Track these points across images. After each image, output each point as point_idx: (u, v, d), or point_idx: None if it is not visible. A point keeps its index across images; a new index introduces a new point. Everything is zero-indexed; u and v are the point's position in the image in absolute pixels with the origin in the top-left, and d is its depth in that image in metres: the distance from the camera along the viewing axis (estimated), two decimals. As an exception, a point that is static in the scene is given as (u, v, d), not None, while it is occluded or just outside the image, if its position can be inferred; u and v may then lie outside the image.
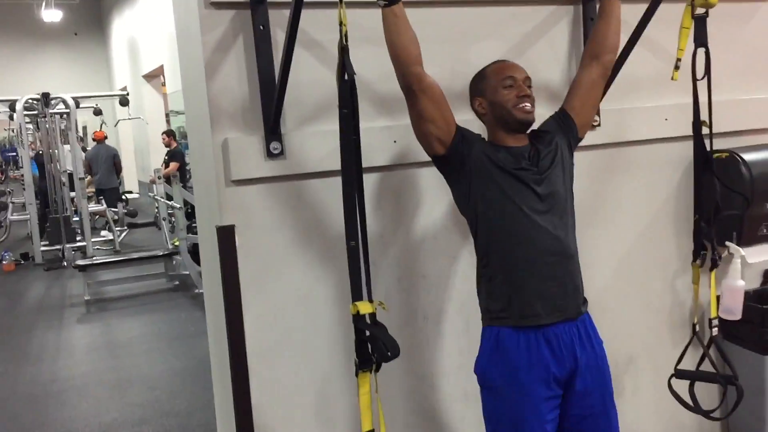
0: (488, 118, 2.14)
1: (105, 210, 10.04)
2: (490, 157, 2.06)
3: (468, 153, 2.06)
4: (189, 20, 2.32)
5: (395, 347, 1.84)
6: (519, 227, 2.02)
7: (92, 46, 17.11)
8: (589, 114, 2.28)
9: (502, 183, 2.03)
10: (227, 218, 2.27)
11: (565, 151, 2.18)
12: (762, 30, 3.00)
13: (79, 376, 4.89)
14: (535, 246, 2.01)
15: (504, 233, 2.04)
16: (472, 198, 2.08)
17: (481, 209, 2.07)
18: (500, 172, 2.04)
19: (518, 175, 2.04)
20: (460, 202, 2.16)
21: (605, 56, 2.24)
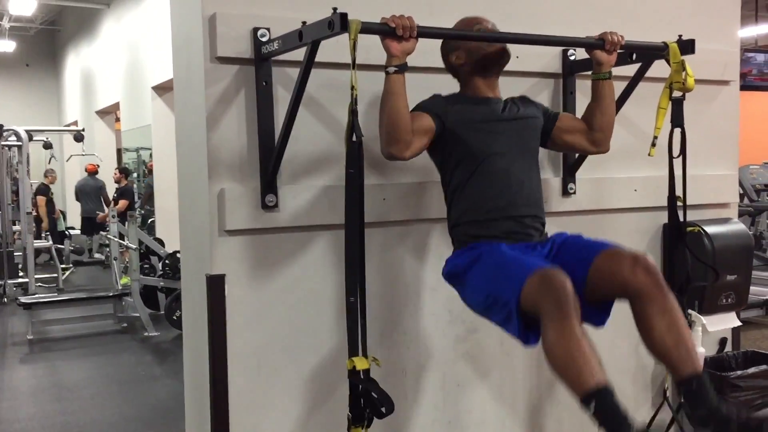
0: (466, 67, 2.27)
1: (50, 246, 9.78)
2: (463, 115, 2.20)
3: (445, 125, 2.19)
4: (192, 72, 2.36)
5: (390, 403, 1.88)
6: (487, 170, 2.18)
7: (43, 78, 16.84)
8: (564, 143, 2.42)
9: (473, 131, 2.19)
10: (218, 267, 2.29)
11: (538, 121, 2.34)
12: (723, 111, 3.21)
13: (24, 419, 4.70)
14: (500, 186, 2.18)
15: (471, 177, 2.19)
16: (447, 150, 2.22)
17: (453, 157, 2.21)
18: (472, 123, 2.20)
19: (488, 122, 2.21)
20: (435, 156, 2.28)
21: (595, 133, 2.37)
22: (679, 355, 1.90)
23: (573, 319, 1.79)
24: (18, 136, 9.04)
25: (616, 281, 1.97)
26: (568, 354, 1.77)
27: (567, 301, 1.81)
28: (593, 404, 1.71)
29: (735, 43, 3.28)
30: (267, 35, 2.25)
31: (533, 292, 1.87)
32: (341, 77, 2.30)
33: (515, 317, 1.91)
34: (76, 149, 12.12)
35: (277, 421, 2.39)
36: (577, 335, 1.78)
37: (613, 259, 2.00)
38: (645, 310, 1.94)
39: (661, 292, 1.93)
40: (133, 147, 11.64)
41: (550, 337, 1.80)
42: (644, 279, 1.94)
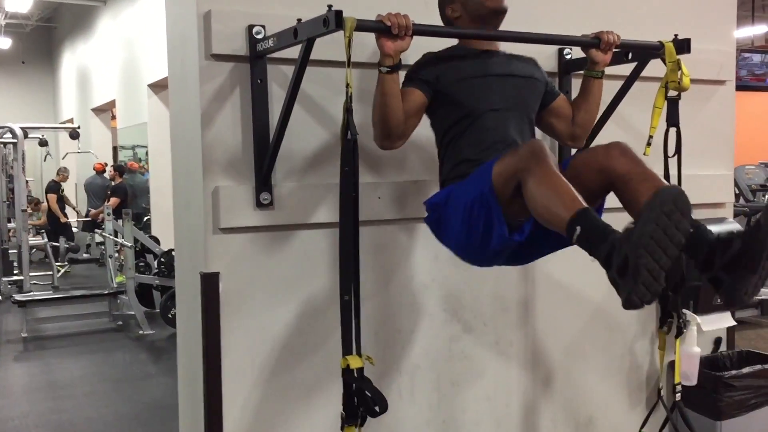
0: (462, 20, 2.24)
1: (45, 244, 9.76)
2: (455, 73, 2.17)
3: (436, 88, 2.17)
4: (187, 69, 2.35)
5: (384, 402, 1.87)
6: (480, 123, 2.15)
7: (39, 75, 16.79)
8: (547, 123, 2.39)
9: (469, 86, 2.16)
10: (212, 265, 2.29)
11: (540, 90, 2.31)
12: (719, 111, 3.21)
13: (18, 417, 4.69)
14: (494, 137, 2.15)
15: (468, 129, 2.16)
16: (442, 109, 2.19)
17: (450, 114, 2.19)
18: (464, 83, 2.17)
19: (485, 75, 2.18)
20: (433, 116, 2.25)
21: (573, 127, 2.37)
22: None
23: (550, 163, 1.79)
24: (13, 134, 9.01)
25: (594, 170, 1.93)
26: (548, 192, 1.75)
27: (543, 150, 1.81)
28: (578, 228, 1.66)
29: (731, 43, 3.28)
30: (262, 33, 2.24)
31: (503, 165, 1.88)
32: (336, 75, 2.30)
33: (493, 202, 1.89)
34: (71, 147, 12.11)
35: (270, 419, 2.39)
36: (555, 173, 1.76)
37: (586, 153, 2.00)
38: (627, 185, 1.88)
39: (638, 165, 1.89)
40: (129, 145, 11.63)
41: (529, 183, 1.79)
42: (620, 158, 1.90)
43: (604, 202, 2.03)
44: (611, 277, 1.60)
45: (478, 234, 1.97)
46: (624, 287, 1.56)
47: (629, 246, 1.54)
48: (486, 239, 1.96)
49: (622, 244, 1.57)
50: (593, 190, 1.93)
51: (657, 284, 1.54)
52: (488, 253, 2.03)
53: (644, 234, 1.52)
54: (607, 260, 1.60)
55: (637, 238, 1.53)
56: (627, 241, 1.55)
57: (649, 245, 1.52)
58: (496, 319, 2.77)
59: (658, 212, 1.53)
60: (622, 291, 1.58)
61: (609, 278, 1.61)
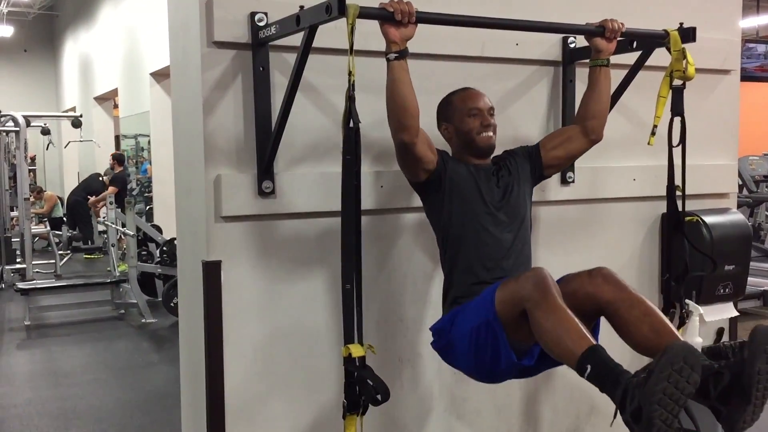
0: (454, 142, 2.31)
1: (47, 232, 9.77)
2: (460, 175, 2.22)
3: (445, 172, 2.21)
4: (188, 57, 2.34)
5: (385, 391, 1.88)
6: (480, 240, 2.19)
7: (42, 63, 16.75)
8: (559, 159, 2.42)
9: (468, 199, 2.21)
10: (214, 253, 2.28)
11: (527, 176, 2.35)
12: (723, 101, 3.19)
13: (21, 404, 4.71)
14: (495, 254, 2.19)
15: (468, 245, 2.20)
16: (444, 212, 2.22)
17: (450, 223, 2.22)
18: (467, 190, 2.21)
19: (482, 192, 2.22)
20: (431, 215, 2.29)
21: (588, 121, 2.36)
22: (661, 341, 1.88)
23: (555, 296, 1.82)
24: (15, 122, 9.00)
25: (582, 297, 1.98)
26: (557, 328, 1.80)
27: (546, 281, 1.85)
28: (589, 367, 1.73)
29: (736, 33, 3.26)
30: (264, 20, 2.23)
31: (507, 294, 1.93)
32: (339, 63, 2.28)
33: (499, 329, 1.93)
34: (74, 135, 12.09)
35: (272, 408, 2.39)
36: (562, 308, 1.81)
37: (572, 280, 2.03)
38: (616, 313, 1.96)
39: (625, 292, 1.96)
40: (132, 133, 11.59)
41: (536, 317, 1.83)
42: (605, 286, 1.98)
43: (599, 323, 2.08)
44: (625, 419, 1.67)
45: (486, 359, 2.01)
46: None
47: (642, 398, 1.62)
48: (495, 363, 2.00)
49: (635, 392, 1.64)
50: (584, 314, 1.96)
51: (670, 430, 1.62)
52: (498, 374, 2.09)
53: (657, 391, 1.60)
54: (622, 403, 1.67)
55: (650, 394, 1.60)
56: (640, 391, 1.63)
57: (662, 400, 1.60)
58: (498, 309, 2.76)
59: (669, 371, 1.60)
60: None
61: (623, 419, 1.68)
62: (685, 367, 1.61)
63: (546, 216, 2.81)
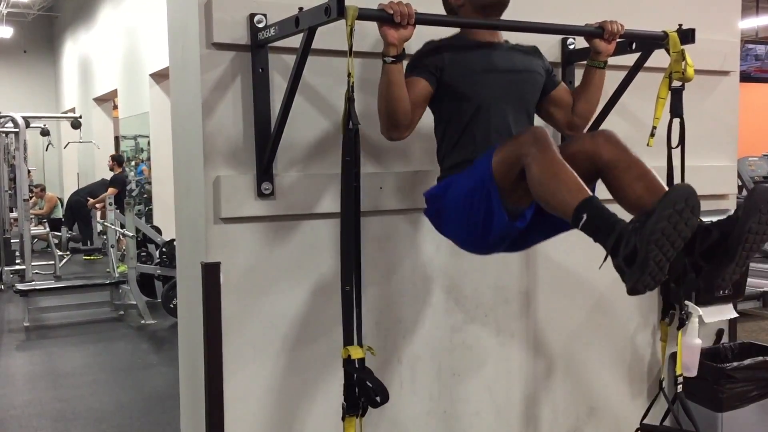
0: (465, 9, 2.22)
1: (47, 233, 9.76)
2: (459, 66, 2.16)
3: (440, 80, 2.16)
4: (187, 58, 2.34)
5: (385, 393, 1.87)
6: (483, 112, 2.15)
7: (41, 64, 16.74)
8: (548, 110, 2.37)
9: (473, 70, 2.16)
10: (213, 255, 2.28)
11: (540, 82, 2.30)
12: (723, 102, 3.19)
13: (20, 405, 4.71)
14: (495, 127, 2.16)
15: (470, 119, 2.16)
16: (448, 90, 2.17)
17: (452, 95, 2.17)
18: (468, 77, 2.16)
19: (490, 61, 2.18)
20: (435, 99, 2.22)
21: (573, 118, 2.36)
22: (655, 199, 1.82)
23: (554, 149, 1.82)
24: (15, 123, 9.00)
25: (582, 158, 1.96)
26: (554, 179, 1.79)
27: (545, 137, 1.84)
28: (584, 216, 1.72)
29: (735, 34, 3.26)
30: (264, 21, 2.22)
31: (505, 152, 1.91)
32: (338, 64, 2.29)
33: (493, 190, 1.91)
34: (73, 136, 12.09)
35: (271, 410, 2.39)
36: (560, 161, 1.80)
37: (573, 141, 2.04)
38: (612, 173, 1.95)
39: (624, 153, 1.95)
40: (131, 134, 11.59)
41: (534, 170, 1.82)
42: (606, 146, 1.97)
43: (595, 189, 2.04)
44: (617, 264, 1.67)
45: (478, 222, 1.99)
46: (631, 276, 1.64)
47: (639, 239, 1.61)
48: (486, 227, 1.98)
49: (631, 236, 1.63)
50: (583, 176, 1.93)
51: (662, 274, 1.63)
52: (489, 241, 2.05)
53: (656, 230, 1.59)
54: (614, 249, 1.67)
55: (649, 233, 1.59)
56: (637, 234, 1.62)
57: (660, 240, 1.59)
58: (498, 310, 2.76)
59: (671, 210, 1.60)
60: (629, 279, 1.65)
61: (614, 265, 1.68)
62: (686, 208, 1.61)
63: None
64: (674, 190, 1.63)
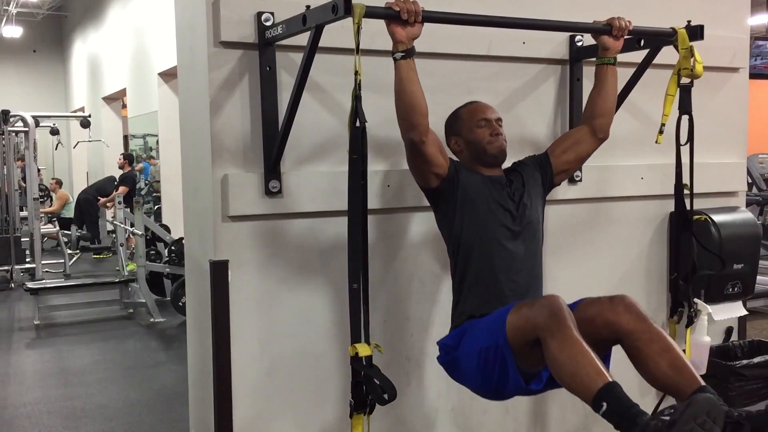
0: (465, 155, 2.28)
1: (57, 232, 9.81)
2: (473, 185, 2.20)
3: (458, 181, 2.20)
4: (195, 57, 2.35)
5: (392, 390, 1.88)
6: (493, 252, 2.17)
7: (50, 64, 16.82)
8: (569, 163, 2.41)
9: (481, 210, 2.19)
10: (221, 253, 2.29)
11: (538, 186, 2.33)
12: (732, 99, 3.18)
13: (30, 403, 4.73)
14: (507, 267, 2.17)
15: (479, 257, 2.18)
16: (455, 223, 2.20)
17: (461, 234, 2.20)
18: (481, 201, 2.19)
19: (496, 203, 2.20)
20: (443, 226, 2.27)
21: (595, 119, 2.36)
22: (679, 378, 1.86)
23: (571, 327, 1.79)
24: (25, 122, 9.04)
25: (600, 324, 1.94)
26: (573, 361, 1.76)
27: (561, 311, 1.82)
28: (605, 404, 1.71)
29: (745, 30, 3.25)
30: (271, 19, 2.23)
31: (520, 320, 1.90)
32: (345, 62, 2.28)
33: (508, 354, 1.92)
34: (82, 135, 12.14)
35: (279, 407, 2.40)
36: (579, 341, 1.77)
37: (592, 304, 1.99)
38: (634, 344, 1.92)
39: (645, 323, 1.92)
40: (140, 133, 11.64)
41: (552, 349, 1.80)
42: (626, 315, 1.93)
43: (611, 352, 2.05)
44: None
45: (493, 380, 2.00)
46: None
47: None
48: (502, 385, 1.99)
49: None
50: (601, 341, 1.94)
51: None
52: (505, 394, 2.07)
53: None
54: None
55: None
56: None
57: None
58: (506, 308, 2.76)
59: (692, 425, 1.59)
60: None
61: None
62: (708, 421, 1.60)
63: (554, 215, 2.80)
64: (696, 403, 1.61)
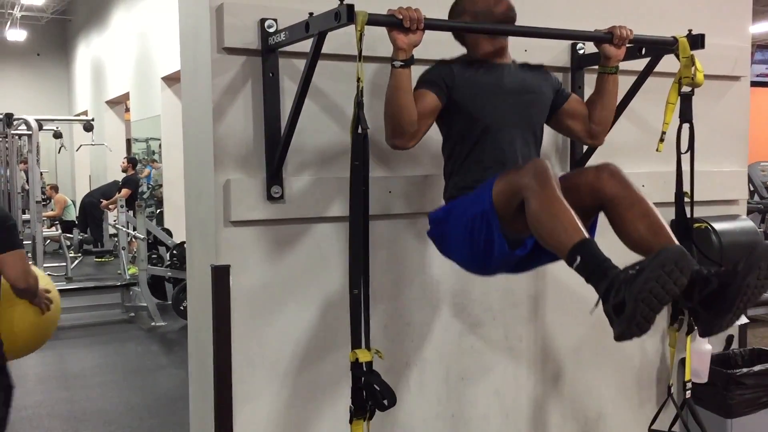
0: (472, 36, 2.26)
1: (59, 235, 9.83)
2: (469, 85, 2.19)
3: (450, 97, 2.18)
4: (198, 63, 2.36)
5: (392, 396, 1.88)
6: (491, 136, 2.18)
7: (54, 67, 16.88)
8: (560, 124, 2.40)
9: (481, 92, 2.18)
10: (223, 258, 2.30)
11: (548, 102, 2.32)
12: (733, 107, 3.18)
13: (31, 406, 4.74)
14: (502, 155, 2.18)
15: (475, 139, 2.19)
16: (454, 109, 2.20)
17: (460, 116, 2.20)
18: (478, 98, 2.18)
19: (498, 85, 2.20)
20: (442, 116, 2.23)
21: (591, 126, 2.37)
22: (656, 240, 1.89)
23: (554, 186, 1.83)
24: (28, 126, 9.06)
25: (585, 192, 1.99)
26: (552, 217, 1.80)
27: (546, 171, 1.85)
28: (578, 258, 1.74)
29: (746, 39, 3.26)
30: (274, 26, 2.24)
31: (505, 184, 1.94)
32: (348, 69, 2.30)
33: (494, 219, 1.94)
34: (85, 139, 12.16)
35: (280, 412, 2.40)
36: (560, 199, 1.81)
37: (578, 174, 2.05)
38: (615, 209, 1.97)
39: (627, 189, 1.96)
40: (143, 137, 11.67)
41: (533, 206, 1.84)
42: (609, 181, 1.97)
43: (597, 220, 2.08)
44: (606, 310, 1.70)
45: (480, 249, 2.02)
46: (618, 325, 1.68)
47: (628, 293, 1.64)
48: (488, 254, 2.01)
49: (621, 286, 1.66)
50: (585, 208, 1.97)
51: (649, 325, 1.66)
52: (490, 265, 2.10)
53: (644, 289, 1.62)
54: (605, 295, 1.70)
55: (637, 290, 1.62)
56: (627, 286, 1.64)
57: (647, 298, 1.62)
58: (506, 314, 2.77)
59: (659, 272, 1.63)
60: (616, 327, 1.69)
61: (604, 310, 1.71)
62: (675, 269, 1.63)
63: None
64: (665, 252, 1.65)
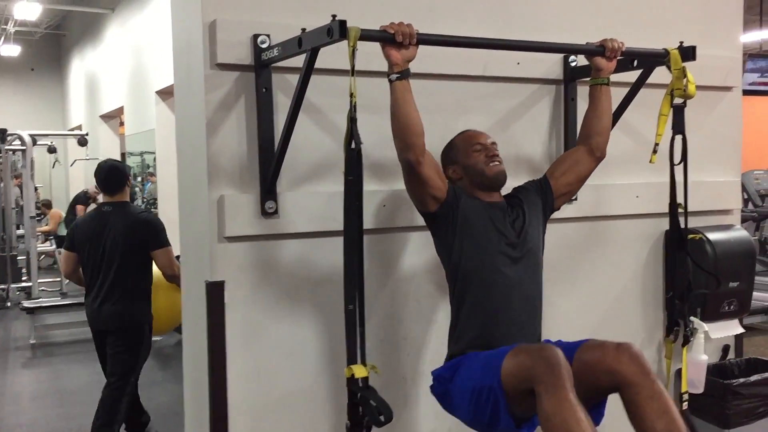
0: (464, 182, 2.27)
1: (54, 250, 9.80)
2: (474, 210, 2.19)
3: (457, 206, 2.19)
4: (192, 78, 2.36)
5: (389, 412, 1.87)
6: (492, 279, 2.16)
7: (48, 82, 16.86)
8: (569, 185, 2.41)
9: (481, 236, 2.18)
10: (217, 274, 2.29)
11: (539, 212, 2.33)
12: (725, 117, 3.20)
13: (26, 423, 4.71)
14: (506, 294, 2.16)
15: (479, 284, 2.17)
16: (455, 248, 2.19)
17: (461, 260, 2.18)
18: (481, 227, 2.18)
19: (496, 229, 2.19)
20: (442, 251, 2.26)
21: (592, 139, 2.37)
22: None
23: (567, 386, 1.77)
24: (22, 141, 9.07)
25: (602, 370, 1.92)
26: (565, 425, 1.74)
27: (559, 367, 1.79)
28: None
29: (737, 49, 3.27)
30: (267, 42, 2.24)
31: (516, 367, 1.88)
32: (341, 83, 2.30)
33: (501, 398, 1.90)
34: (80, 153, 12.15)
35: (275, 427, 2.39)
36: (573, 405, 1.75)
37: (596, 349, 1.96)
38: (634, 398, 1.89)
39: (648, 379, 1.89)
40: (138, 151, 11.65)
41: (545, 406, 1.77)
42: (630, 366, 1.89)
43: (606, 399, 2.04)
44: None
45: (484, 420, 1.99)
46: None
47: None
48: (493, 426, 1.98)
49: None
50: (599, 388, 1.93)
51: None
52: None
53: None
54: None
55: None
56: None
57: None
58: (502, 327, 2.76)
59: None
60: None
61: None
62: None
63: (549, 234, 2.80)
64: None
